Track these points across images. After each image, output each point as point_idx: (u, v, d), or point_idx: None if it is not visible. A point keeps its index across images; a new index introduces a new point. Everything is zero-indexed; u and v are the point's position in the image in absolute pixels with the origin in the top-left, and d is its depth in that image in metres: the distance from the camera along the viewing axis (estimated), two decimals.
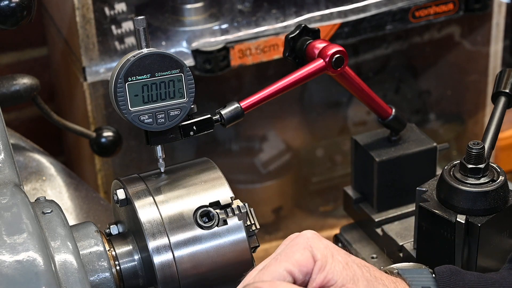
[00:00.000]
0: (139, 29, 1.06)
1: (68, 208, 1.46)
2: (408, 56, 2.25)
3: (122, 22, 1.85)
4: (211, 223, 1.06)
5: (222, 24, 1.90)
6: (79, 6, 1.75)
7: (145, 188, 1.08)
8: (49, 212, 1.01)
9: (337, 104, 2.24)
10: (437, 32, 2.21)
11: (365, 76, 2.20)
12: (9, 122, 1.83)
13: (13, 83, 1.44)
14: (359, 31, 1.95)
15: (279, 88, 1.21)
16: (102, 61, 1.82)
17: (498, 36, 2.15)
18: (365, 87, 1.31)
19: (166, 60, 1.06)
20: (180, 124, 1.10)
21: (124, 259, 1.08)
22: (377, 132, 1.41)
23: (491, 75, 2.18)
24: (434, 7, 2.00)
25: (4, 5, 1.28)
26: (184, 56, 1.84)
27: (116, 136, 1.66)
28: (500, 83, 1.27)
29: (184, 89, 1.07)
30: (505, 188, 1.15)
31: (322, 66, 1.23)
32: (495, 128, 1.22)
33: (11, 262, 0.88)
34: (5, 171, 1.02)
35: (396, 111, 1.37)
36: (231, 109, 1.16)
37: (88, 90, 1.82)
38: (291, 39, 1.26)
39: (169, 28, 1.89)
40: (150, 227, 1.04)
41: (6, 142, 1.05)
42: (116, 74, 1.05)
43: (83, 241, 1.05)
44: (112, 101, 1.07)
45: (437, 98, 2.33)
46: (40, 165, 1.50)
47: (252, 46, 1.87)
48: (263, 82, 2.06)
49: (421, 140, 1.39)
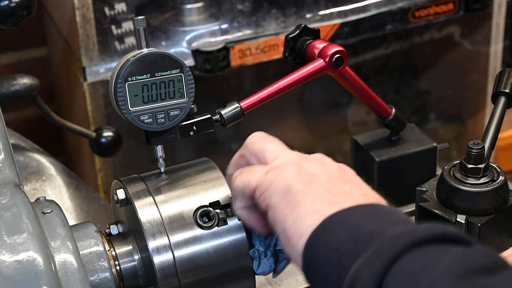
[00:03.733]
0: (139, 29, 1.06)
1: (68, 208, 1.46)
2: (408, 56, 2.25)
3: (122, 22, 1.85)
4: (211, 223, 1.06)
5: (222, 24, 1.90)
6: (79, 6, 1.75)
7: (145, 188, 1.08)
8: (49, 212, 1.01)
9: (337, 104, 2.24)
10: (437, 32, 2.21)
11: (365, 76, 2.20)
12: (9, 122, 1.83)
13: (13, 83, 1.44)
14: (359, 31, 1.95)
15: (279, 88, 1.21)
16: (102, 61, 1.82)
17: (498, 36, 2.15)
18: (365, 87, 1.31)
19: (166, 60, 1.06)
20: (180, 124, 1.10)
21: (124, 259, 1.08)
22: (377, 132, 1.41)
23: (491, 75, 2.19)
24: (434, 7, 2.00)
25: (4, 5, 1.28)
26: (184, 56, 1.84)
27: (116, 136, 1.66)
28: (500, 83, 1.27)
29: (184, 89, 1.07)
30: (505, 188, 1.15)
31: (322, 66, 1.23)
32: (495, 128, 1.22)
33: (11, 262, 0.88)
34: (5, 171, 1.02)
35: (396, 111, 1.37)
36: (231, 109, 1.16)
37: (88, 90, 1.82)
38: (291, 39, 1.26)
39: (169, 28, 1.89)
40: (150, 227, 1.04)
41: (6, 142, 1.05)
42: (116, 74, 1.05)
43: (83, 241, 1.05)
44: (112, 101, 1.07)
45: (437, 98, 2.33)
46: (40, 165, 1.50)
47: (252, 46, 1.87)
48: (263, 82, 2.06)
49: (421, 140, 1.39)
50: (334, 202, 0.90)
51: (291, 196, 0.92)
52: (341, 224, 0.88)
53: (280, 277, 1.36)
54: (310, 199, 0.91)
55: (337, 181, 0.94)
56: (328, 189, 0.93)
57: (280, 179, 0.94)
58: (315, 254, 0.88)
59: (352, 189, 0.93)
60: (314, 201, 0.91)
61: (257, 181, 0.96)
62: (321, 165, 0.96)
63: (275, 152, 0.99)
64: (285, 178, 0.94)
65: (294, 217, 0.91)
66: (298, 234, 0.90)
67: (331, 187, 0.93)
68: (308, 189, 0.92)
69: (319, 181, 0.94)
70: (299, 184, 0.93)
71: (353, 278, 0.82)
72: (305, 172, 0.94)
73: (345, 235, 0.86)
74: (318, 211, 0.90)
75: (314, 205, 0.91)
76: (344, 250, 0.85)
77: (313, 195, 0.92)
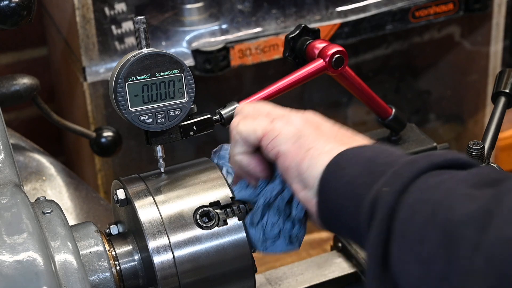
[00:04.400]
0: (139, 29, 1.06)
1: (68, 208, 1.46)
2: (408, 56, 2.25)
3: (122, 22, 1.85)
4: (211, 223, 1.05)
5: (222, 24, 1.90)
6: (79, 6, 1.75)
7: (145, 188, 1.08)
8: (49, 212, 1.01)
9: (337, 104, 2.24)
10: (437, 32, 2.21)
11: (365, 76, 2.20)
12: (9, 122, 1.83)
13: (13, 83, 1.44)
14: (359, 31, 1.95)
15: (279, 88, 1.21)
16: (102, 61, 1.82)
17: (498, 36, 2.15)
18: (365, 87, 1.31)
19: (166, 60, 1.06)
20: (180, 124, 1.10)
21: (124, 259, 1.08)
22: (377, 132, 1.41)
23: (491, 75, 2.19)
24: (434, 7, 2.00)
25: (4, 5, 1.28)
26: (184, 56, 1.84)
27: (116, 136, 1.66)
28: (500, 83, 1.27)
29: (184, 89, 1.07)
30: None
31: (322, 66, 1.23)
32: (495, 128, 1.22)
33: (11, 262, 0.88)
34: (5, 171, 1.02)
35: (396, 111, 1.37)
36: (231, 109, 1.16)
37: (88, 90, 1.82)
38: (291, 39, 1.26)
39: (169, 28, 1.90)
40: (150, 227, 1.04)
41: (6, 142, 1.05)
42: (116, 74, 1.05)
43: (83, 241, 1.05)
44: (112, 101, 1.07)
45: (437, 98, 2.33)
46: (40, 165, 1.50)
47: (252, 46, 1.87)
48: (263, 82, 2.06)
49: (421, 140, 1.39)
50: (344, 143, 0.94)
51: (302, 140, 0.96)
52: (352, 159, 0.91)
53: (280, 277, 1.36)
54: (322, 140, 0.95)
55: (338, 128, 0.98)
56: (334, 132, 0.97)
57: (288, 126, 0.98)
58: (329, 189, 0.91)
59: (354, 135, 0.98)
60: (326, 143, 0.95)
61: (263, 129, 0.99)
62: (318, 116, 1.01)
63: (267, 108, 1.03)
64: (293, 125, 0.98)
65: (308, 160, 0.94)
66: (313, 176, 0.93)
67: (336, 131, 0.97)
68: (317, 133, 0.96)
69: (325, 126, 0.98)
70: (309, 129, 0.97)
71: (373, 199, 0.85)
72: (309, 120, 0.99)
73: (358, 168, 0.90)
74: (331, 150, 0.93)
75: (326, 146, 0.94)
76: (359, 181, 0.89)
77: (324, 137, 0.96)
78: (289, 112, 1.02)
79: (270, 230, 1.05)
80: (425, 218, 0.81)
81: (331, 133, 0.97)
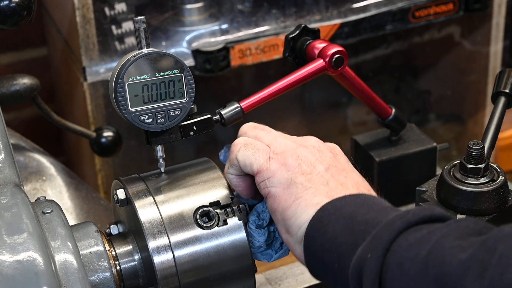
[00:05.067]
0: (139, 29, 1.06)
1: (68, 208, 1.46)
2: (408, 56, 2.25)
3: (122, 22, 1.85)
4: (211, 223, 1.06)
5: (222, 24, 1.90)
6: (79, 6, 1.75)
7: (145, 188, 1.08)
8: (49, 212, 1.01)
9: (337, 104, 2.24)
10: (437, 32, 2.21)
11: (365, 76, 2.20)
12: (9, 122, 1.83)
13: (13, 83, 1.44)
14: (359, 31, 1.95)
15: (279, 88, 1.21)
16: (102, 61, 1.82)
17: (498, 36, 2.15)
18: (365, 87, 1.31)
19: (166, 60, 1.06)
20: (180, 124, 1.10)
21: (124, 259, 1.08)
22: (377, 132, 1.41)
23: (491, 75, 2.19)
24: (434, 7, 2.00)
25: (4, 5, 1.28)
26: (184, 56, 1.84)
27: (116, 136, 1.66)
28: (500, 83, 1.27)
29: (184, 89, 1.07)
30: (505, 188, 1.15)
31: (322, 66, 1.23)
32: (495, 128, 1.22)
33: (11, 262, 0.88)
34: (5, 171, 1.02)
35: (396, 111, 1.37)
36: (231, 109, 1.16)
37: (88, 90, 1.82)
38: (291, 39, 1.26)
39: (169, 28, 1.89)
40: (150, 227, 1.04)
41: (6, 142, 1.05)
42: (116, 74, 1.05)
43: (83, 241, 1.05)
44: (112, 101, 1.07)
45: (437, 98, 2.33)
46: (40, 165, 1.50)
47: (252, 46, 1.87)
48: (263, 82, 2.06)
49: (421, 140, 1.39)
50: (330, 196, 0.96)
51: (292, 188, 0.98)
52: (333, 215, 0.94)
53: (280, 277, 1.36)
54: (310, 192, 0.97)
55: (333, 171, 1.00)
56: (325, 180, 0.98)
57: (282, 170, 0.99)
58: (314, 244, 0.94)
59: (346, 179, 0.99)
60: (314, 194, 0.97)
61: (259, 167, 1.01)
62: (317, 152, 1.02)
63: (268, 139, 1.04)
64: (287, 170, 0.99)
65: (294, 210, 0.97)
66: (297, 225, 0.96)
67: (328, 177, 0.99)
68: (308, 183, 0.98)
69: (317, 171, 0.99)
70: (301, 177, 0.98)
71: (358, 267, 0.87)
72: (304, 161, 1.00)
73: (339, 226, 0.92)
74: (317, 204, 0.96)
75: (313, 198, 0.96)
76: (341, 240, 0.91)
77: (313, 188, 0.97)
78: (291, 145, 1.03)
79: (278, 237, 1.06)
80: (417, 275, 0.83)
81: (323, 180, 0.98)
